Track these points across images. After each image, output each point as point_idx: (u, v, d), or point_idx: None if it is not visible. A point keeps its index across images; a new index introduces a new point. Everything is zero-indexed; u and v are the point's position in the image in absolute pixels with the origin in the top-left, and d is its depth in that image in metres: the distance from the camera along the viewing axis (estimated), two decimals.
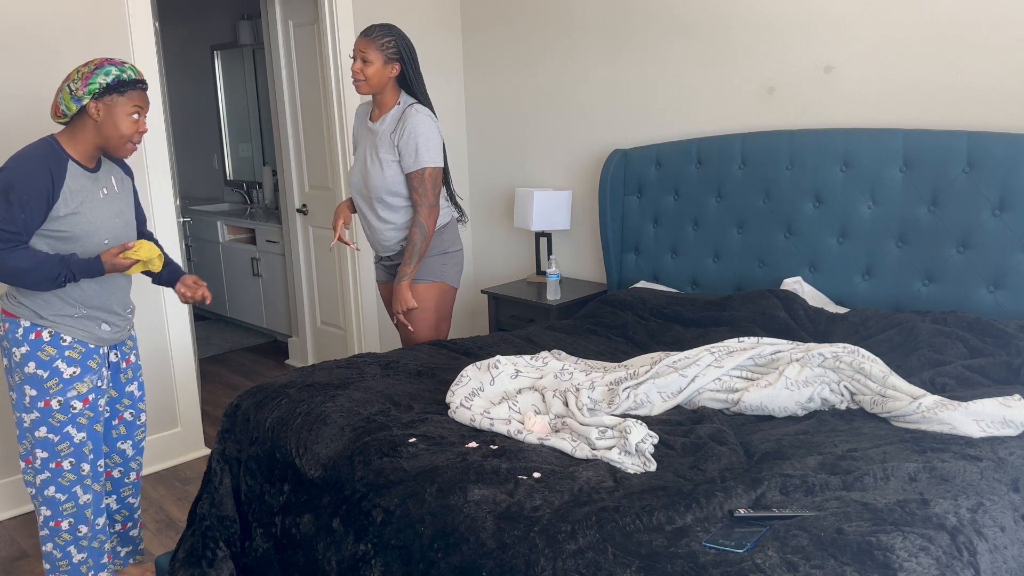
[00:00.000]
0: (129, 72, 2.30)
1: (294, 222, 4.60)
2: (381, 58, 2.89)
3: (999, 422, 2.02)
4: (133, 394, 2.61)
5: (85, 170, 2.33)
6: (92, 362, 2.39)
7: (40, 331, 2.33)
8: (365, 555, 1.90)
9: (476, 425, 2.19)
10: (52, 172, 2.22)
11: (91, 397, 2.39)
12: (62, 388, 2.34)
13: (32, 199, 2.19)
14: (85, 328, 2.38)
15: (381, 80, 2.91)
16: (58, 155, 2.27)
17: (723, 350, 2.44)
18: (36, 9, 3.07)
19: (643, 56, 3.65)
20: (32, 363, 2.32)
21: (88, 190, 2.32)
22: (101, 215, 2.35)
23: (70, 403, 2.35)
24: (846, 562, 1.48)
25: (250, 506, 2.34)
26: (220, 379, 4.78)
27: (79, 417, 2.37)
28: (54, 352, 2.33)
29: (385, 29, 2.90)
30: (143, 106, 2.33)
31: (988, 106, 2.78)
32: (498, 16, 4.23)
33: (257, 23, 5.88)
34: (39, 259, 2.22)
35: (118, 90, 2.26)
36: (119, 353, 2.56)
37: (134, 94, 2.30)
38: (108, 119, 2.27)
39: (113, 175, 2.45)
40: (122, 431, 2.61)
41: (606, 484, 1.84)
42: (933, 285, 2.86)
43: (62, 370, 2.34)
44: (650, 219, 3.60)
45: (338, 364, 2.67)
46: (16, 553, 2.96)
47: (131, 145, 2.34)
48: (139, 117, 2.32)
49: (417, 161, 2.90)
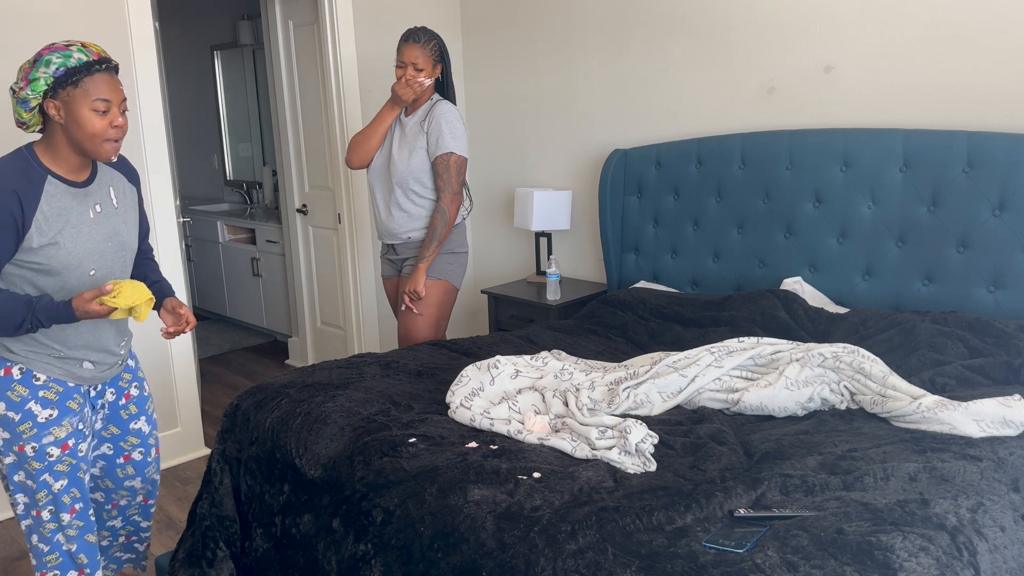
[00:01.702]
0: (78, 55, 1.82)
1: (294, 222, 4.60)
2: (430, 63, 2.99)
3: (999, 422, 2.02)
4: (141, 431, 2.26)
5: (71, 186, 1.93)
6: (72, 402, 2.04)
7: (9, 367, 1.96)
8: (365, 555, 1.90)
9: (476, 425, 2.19)
10: (20, 195, 1.82)
11: (71, 443, 2.03)
12: (36, 433, 1.98)
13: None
14: (63, 367, 2.02)
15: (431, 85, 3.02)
16: (32, 171, 1.87)
17: (723, 350, 2.44)
18: (35, 9, 3.07)
19: (643, 56, 3.65)
20: (1, 403, 1.96)
21: (72, 211, 1.92)
22: (88, 241, 1.95)
23: (46, 450, 1.99)
24: (846, 562, 1.48)
25: (250, 506, 2.34)
26: (220, 379, 4.78)
27: (57, 465, 2.02)
28: (25, 392, 1.97)
29: (428, 33, 2.99)
30: (110, 96, 1.85)
31: (988, 106, 2.78)
32: (498, 16, 4.23)
33: (257, 23, 5.88)
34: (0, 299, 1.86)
35: (70, 81, 1.82)
36: (115, 391, 2.20)
37: (93, 81, 1.83)
38: (70, 119, 1.84)
39: (113, 187, 2.05)
40: (129, 471, 2.29)
41: (606, 484, 1.84)
42: (933, 285, 2.86)
43: (36, 413, 1.98)
44: (650, 219, 3.60)
45: (338, 364, 2.67)
46: (16, 553, 2.96)
47: (109, 145, 1.88)
48: (108, 110, 1.86)
49: (443, 145, 2.99)
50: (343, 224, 4.21)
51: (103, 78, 1.85)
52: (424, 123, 3.04)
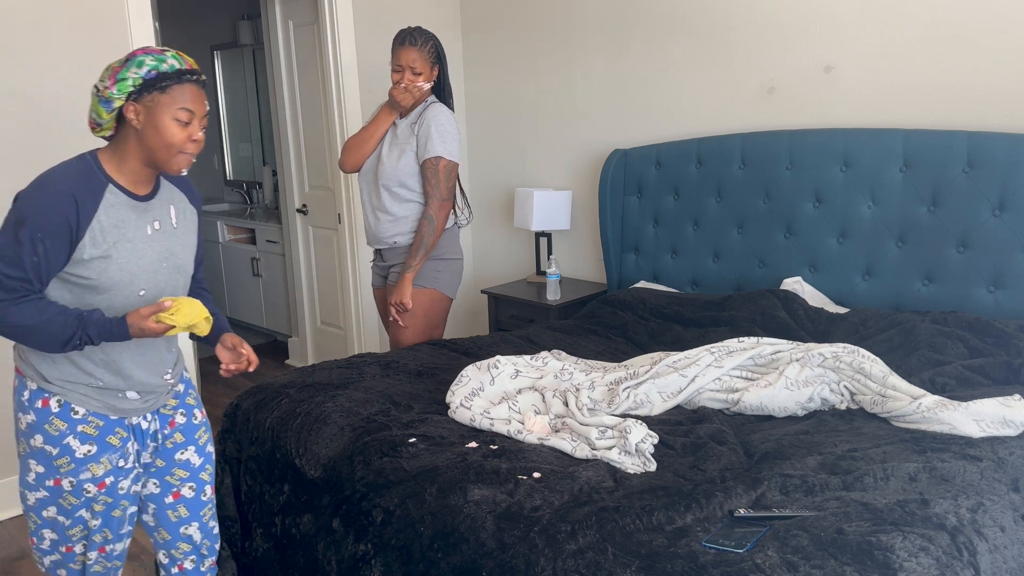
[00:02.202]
0: (172, 61, 1.75)
1: (294, 222, 4.60)
2: (428, 66, 2.89)
3: (999, 422, 2.02)
4: (190, 463, 2.00)
5: (132, 198, 1.80)
6: (113, 438, 1.86)
7: (48, 399, 1.81)
8: (365, 555, 1.90)
9: (476, 425, 2.19)
10: (78, 201, 1.72)
11: (109, 480, 1.86)
12: (74, 468, 1.83)
13: (49, 236, 1.69)
14: (101, 398, 1.84)
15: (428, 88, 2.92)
16: (93, 178, 1.77)
17: (723, 350, 2.44)
18: (35, 9, 3.07)
19: (643, 56, 3.65)
20: (39, 436, 1.82)
21: (130, 225, 1.79)
22: (143, 259, 1.82)
23: (83, 486, 1.84)
24: (846, 562, 1.48)
25: (250, 506, 2.34)
26: (220, 379, 4.78)
27: (94, 503, 1.87)
28: (64, 427, 1.81)
29: (424, 34, 2.89)
30: (195, 108, 1.77)
31: (988, 106, 2.78)
32: (498, 16, 4.23)
33: (257, 23, 5.88)
34: (48, 315, 1.71)
35: (158, 86, 1.73)
36: (158, 419, 1.96)
37: (180, 90, 1.75)
38: (149, 125, 1.74)
39: (174, 205, 1.91)
40: (183, 513, 2.00)
41: (606, 484, 1.84)
42: (933, 285, 2.86)
43: (74, 448, 1.82)
44: (650, 219, 3.60)
45: (338, 364, 2.67)
46: (16, 553, 2.96)
47: (182, 157, 1.78)
48: (191, 121, 1.76)
49: (431, 148, 2.89)
50: (343, 224, 4.21)
51: (191, 89, 1.76)
52: (415, 125, 2.94)
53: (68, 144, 3.18)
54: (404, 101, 2.90)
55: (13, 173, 3.08)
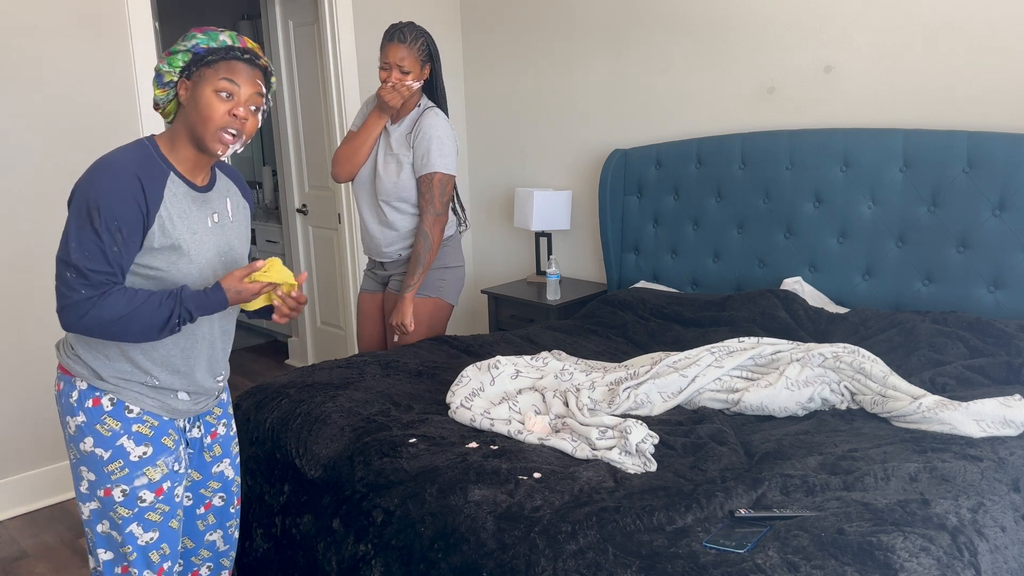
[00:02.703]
0: (223, 38, 1.66)
1: (294, 222, 4.60)
2: (418, 64, 2.74)
3: (999, 422, 2.02)
4: (224, 475, 1.96)
5: (192, 188, 1.72)
6: (167, 439, 1.78)
7: (99, 397, 1.72)
8: (365, 555, 1.90)
9: (476, 425, 2.19)
10: (144, 185, 1.62)
11: (166, 486, 1.77)
12: (128, 474, 1.72)
13: (125, 223, 1.60)
14: (156, 397, 1.77)
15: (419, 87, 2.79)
16: (153, 165, 1.66)
17: (723, 350, 2.44)
18: (34, 8, 3.06)
19: (643, 56, 3.65)
20: (89, 439, 1.71)
21: (192, 216, 1.71)
22: (208, 251, 1.74)
23: (138, 494, 1.73)
24: (847, 562, 1.48)
25: (250, 506, 2.33)
26: None
27: (149, 512, 1.76)
28: (118, 426, 1.72)
29: (415, 30, 2.74)
30: (240, 82, 1.64)
31: (988, 106, 2.78)
32: (498, 16, 4.23)
33: (257, 23, 5.88)
34: (139, 301, 1.62)
35: (205, 60, 1.64)
36: (203, 426, 1.91)
37: (226, 65, 1.65)
38: (192, 99, 1.65)
39: (230, 198, 1.83)
40: (210, 520, 1.98)
41: (606, 484, 1.84)
42: (933, 285, 2.86)
43: (128, 450, 1.72)
44: (650, 219, 3.60)
45: (338, 364, 2.67)
46: (16, 553, 2.96)
47: (224, 135, 1.65)
48: (231, 96, 1.64)
49: (428, 164, 2.79)
50: (343, 224, 4.21)
51: (240, 66, 1.65)
52: (411, 136, 2.82)
53: (68, 145, 3.19)
54: (392, 101, 2.75)
55: (11, 174, 3.08)
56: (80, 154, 3.21)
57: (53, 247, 3.17)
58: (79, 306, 1.60)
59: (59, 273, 1.62)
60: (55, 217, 3.18)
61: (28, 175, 3.13)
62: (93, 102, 3.23)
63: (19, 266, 3.14)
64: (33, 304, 3.17)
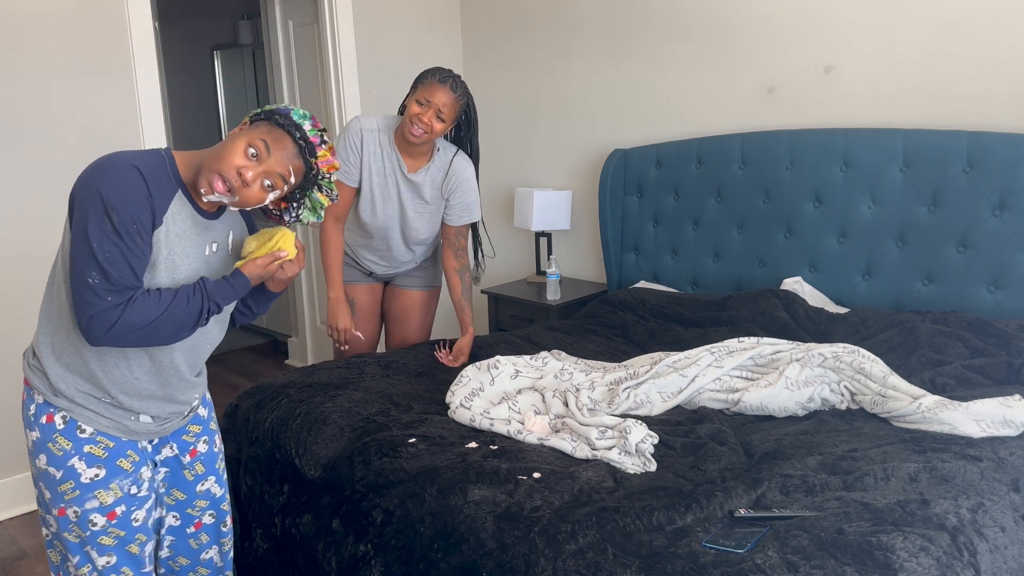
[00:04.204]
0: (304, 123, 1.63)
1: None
2: (453, 118, 2.59)
3: (999, 422, 2.02)
4: (211, 493, 1.89)
5: (197, 212, 1.63)
6: (124, 461, 1.69)
7: (52, 414, 1.63)
8: (365, 555, 1.90)
9: (476, 425, 2.19)
10: (151, 191, 1.53)
11: (120, 510, 1.68)
12: (79, 496, 1.64)
13: (143, 226, 1.51)
14: (113, 417, 1.67)
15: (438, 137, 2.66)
16: (164, 175, 1.57)
17: (723, 350, 2.44)
18: (34, 8, 3.06)
19: (643, 56, 3.65)
20: (43, 456, 1.64)
21: (189, 239, 1.62)
22: (194, 278, 1.65)
23: (88, 516, 1.65)
24: (846, 562, 1.48)
25: (250, 506, 2.33)
26: (220, 379, 4.78)
27: (102, 536, 1.67)
28: (69, 447, 1.63)
29: (464, 87, 2.61)
30: (273, 148, 1.57)
31: (988, 106, 2.78)
32: (498, 16, 4.23)
33: (257, 23, 5.88)
34: (166, 300, 1.55)
35: (271, 118, 1.62)
36: (177, 446, 1.82)
37: (268, 126, 1.61)
38: (227, 142, 1.59)
39: (233, 231, 1.75)
40: (203, 539, 1.91)
41: (606, 484, 1.84)
42: (933, 285, 2.86)
43: (79, 471, 1.64)
44: (650, 219, 3.60)
45: (338, 364, 2.67)
46: (16, 553, 2.96)
47: (215, 181, 1.55)
48: (255, 158, 1.57)
49: (471, 215, 2.79)
50: None
51: (285, 139, 1.60)
52: (445, 186, 2.72)
53: (67, 146, 3.19)
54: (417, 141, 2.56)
55: (10, 175, 3.08)
56: (79, 154, 3.21)
57: (52, 247, 3.17)
58: (107, 315, 1.50)
59: (79, 282, 1.50)
60: (54, 217, 3.18)
61: (27, 175, 3.12)
62: (93, 102, 3.23)
63: (17, 265, 3.14)
64: (30, 303, 3.16)
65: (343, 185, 2.68)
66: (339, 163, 1.68)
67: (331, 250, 2.75)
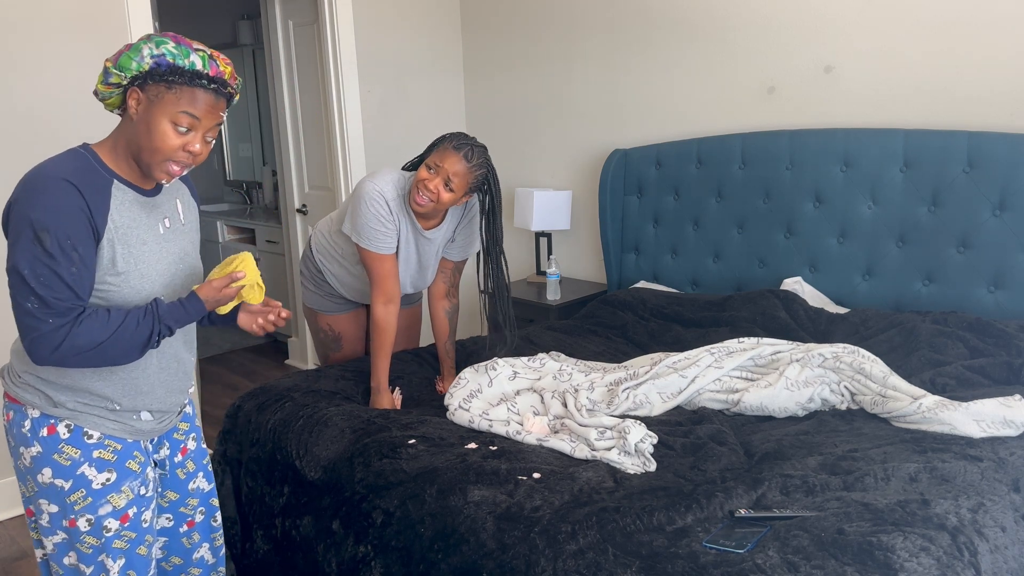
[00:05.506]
0: (194, 58, 1.49)
1: (294, 222, 4.60)
2: (465, 189, 2.35)
3: (999, 422, 2.02)
4: (201, 489, 1.91)
5: (139, 193, 1.58)
6: (132, 463, 1.68)
7: (54, 425, 1.60)
8: (365, 556, 1.90)
9: (475, 427, 2.19)
10: (86, 196, 1.48)
11: (132, 512, 1.68)
12: (92, 503, 1.63)
13: (78, 240, 1.46)
14: (117, 420, 1.66)
15: (448, 207, 2.44)
16: (93, 174, 1.52)
17: (723, 350, 2.44)
18: (33, 8, 3.06)
19: (643, 56, 3.65)
20: (48, 469, 1.60)
21: (142, 224, 1.58)
22: (160, 262, 1.61)
23: (103, 523, 1.64)
24: (847, 562, 1.48)
25: (250, 507, 2.33)
26: (220, 379, 4.78)
27: (116, 540, 1.66)
28: (77, 455, 1.61)
29: (482, 156, 2.36)
30: (201, 115, 1.51)
31: (988, 106, 2.78)
32: (498, 16, 4.23)
33: (257, 23, 5.88)
34: (114, 322, 1.51)
35: (165, 79, 1.47)
36: (170, 445, 1.83)
37: (190, 92, 1.49)
38: (143, 120, 1.50)
39: (179, 199, 1.71)
40: (195, 538, 1.92)
41: (606, 484, 1.84)
42: (933, 285, 2.86)
43: (90, 478, 1.62)
44: (650, 219, 3.60)
45: (343, 375, 2.67)
46: (16, 553, 2.96)
47: (170, 167, 1.53)
48: (190, 131, 1.51)
49: (473, 247, 2.63)
50: None
51: (204, 96, 1.50)
52: (459, 230, 2.59)
53: (67, 147, 3.18)
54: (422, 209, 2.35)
55: (8, 176, 3.08)
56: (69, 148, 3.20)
57: None
58: (49, 337, 1.47)
59: (18, 304, 1.47)
60: None
61: None
62: (93, 102, 3.22)
63: None
64: None
65: (386, 257, 2.43)
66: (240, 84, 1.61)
67: (382, 338, 2.46)
